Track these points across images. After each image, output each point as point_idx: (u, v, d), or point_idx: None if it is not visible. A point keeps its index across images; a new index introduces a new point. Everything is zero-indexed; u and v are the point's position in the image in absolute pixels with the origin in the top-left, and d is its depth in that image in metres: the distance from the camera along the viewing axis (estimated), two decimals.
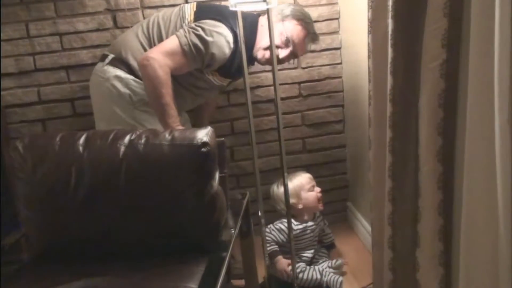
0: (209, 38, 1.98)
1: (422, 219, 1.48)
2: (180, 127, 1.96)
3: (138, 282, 1.48)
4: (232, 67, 2.11)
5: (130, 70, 2.07)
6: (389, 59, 1.48)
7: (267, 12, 1.99)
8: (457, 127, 1.37)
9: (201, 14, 2.07)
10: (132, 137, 1.65)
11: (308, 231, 2.40)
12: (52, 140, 1.71)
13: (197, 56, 1.99)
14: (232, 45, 2.04)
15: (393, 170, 1.53)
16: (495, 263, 1.20)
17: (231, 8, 1.95)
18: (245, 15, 2.03)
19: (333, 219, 2.85)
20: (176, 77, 2.05)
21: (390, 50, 1.48)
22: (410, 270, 1.59)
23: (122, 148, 1.63)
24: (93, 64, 2.24)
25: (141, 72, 1.97)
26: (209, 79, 2.14)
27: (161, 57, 1.94)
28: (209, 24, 2.01)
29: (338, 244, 2.58)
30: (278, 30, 2.10)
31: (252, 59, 2.18)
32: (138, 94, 2.05)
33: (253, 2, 1.94)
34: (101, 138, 1.69)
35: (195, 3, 2.13)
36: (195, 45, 1.97)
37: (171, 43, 1.98)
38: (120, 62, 2.08)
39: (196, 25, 2.01)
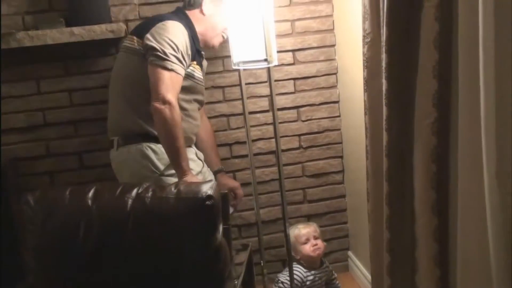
0: (170, 40, 2.01)
1: (419, 269, 1.53)
2: (193, 175, 2.02)
3: None
4: (193, 49, 2.13)
5: (140, 136, 2.10)
6: (384, 117, 1.57)
7: (267, 71, 2.11)
8: (449, 181, 1.44)
9: (142, 33, 2.09)
10: (139, 191, 1.72)
11: (316, 278, 2.50)
12: (62, 194, 1.78)
13: (182, 60, 2.02)
14: (185, 29, 2.08)
15: (390, 222, 1.60)
16: None
17: (234, 67, 2.07)
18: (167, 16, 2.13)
19: (335, 268, 2.88)
20: (179, 100, 2.07)
21: (384, 108, 1.57)
22: None
23: (130, 201, 1.70)
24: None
25: (156, 117, 1.98)
26: (194, 74, 2.17)
27: (169, 95, 1.97)
28: (156, 32, 2.04)
29: None
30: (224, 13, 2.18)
31: (200, 53, 2.22)
32: (159, 158, 2.08)
33: (255, 61, 2.06)
34: (109, 192, 1.76)
35: (130, 35, 2.18)
36: (172, 55, 2.00)
37: (163, 76, 1.98)
38: (127, 137, 2.12)
39: (151, 43, 2.01)
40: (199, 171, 2.18)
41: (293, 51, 2.73)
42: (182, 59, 2.02)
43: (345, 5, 2.54)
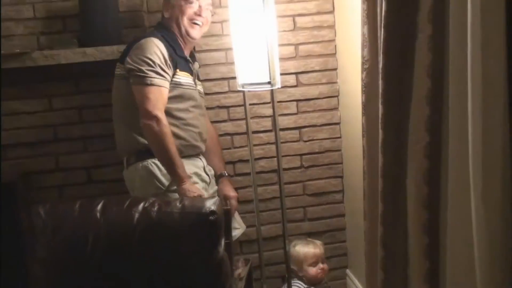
0: (144, 57, 2.13)
1: (410, 285, 1.61)
2: (191, 183, 2.13)
3: None
4: (175, 59, 2.23)
5: (145, 153, 2.20)
6: (380, 140, 1.66)
7: (271, 92, 2.20)
8: (440, 201, 1.52)
9: (124, 58, 2.22)
10: (146, 205, 1.80)
11: None
12: (72, 207, 1.87)
13: (160, 72, 2.13)
14: (160, 41, 2.18)
15: (384, 240, 1.67)
16: None
17: (239, 88, 2.17)
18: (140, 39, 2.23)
19: (333, 286, 2.94)
20: (173, 111, 2.21)
21: (380, 131, 1.66)
22: None
23: (136, 215, 1.78)
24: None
25: (145, 133, 2.13)
26: (180, 81, 2.25)
27: (155, 110, 2.09)
28: (133, 53, 2.17)
29: None
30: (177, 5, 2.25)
31: (185, 59, 2.29)
32: (163, 174, 2.18)
33: (259, 84, 2.16)
34: (117, 205, 1.85)
35: (117, 63, 2.30)
36: (149, 71, 2.12)
37: (144, 92, 2.11)
38: (134, 155, 2.24)
39: (129, 66, 2.16)
40: (202, 187, 2.26)
41: (296, 73, 2.83)
42: (161, 71, 2.14)
43: (347, 31, 2.64)
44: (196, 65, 2.43)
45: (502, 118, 1.26)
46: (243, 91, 2.32)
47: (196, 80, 2.40)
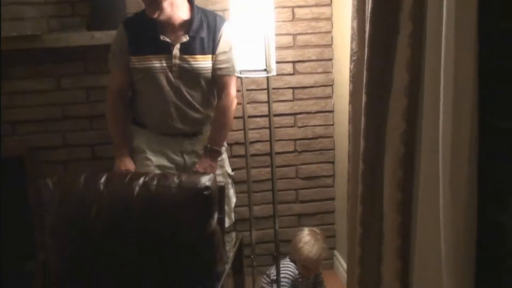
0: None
1: (384, 260, 1.76)
2: (119, 157, 2.41)
3: None
4: (138, 43, 2.34)
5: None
6: (362, 126, 1.80)
7: (266, 80, 2.35)
8: (413, 184, 1.67)
9: None
10: (146, 179, 1.96)
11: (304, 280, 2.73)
12: (78, 179, 2.02)
13: (114, 56, 2.39)
14: (123, 26, 2.37)
15: (362, 219, 1.83)
16: None
17: (236, 74, 2.32)
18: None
19: (321, 266, 3.10)
20: (136, 98, 2.45)
21: (363, 118, 1.80)
22: None
23: (137, 188, 1.93)
24: None
25: None
26: (137, 67, 2.35)
27: (108, 89, 2.45)
28: None
29: None
30: None
31: (159, 41, 2.31)
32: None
33: (256, 70, 2.30)
34: (119, 179, 2.00)
35: None
36: (110, 57, 2.43)
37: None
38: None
39: None
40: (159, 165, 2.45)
41: (293, 62, 2.96)
42: (114, 55, 2.40)
43: (343, 23, 2.76)
44: (183, 38, 2.33)
45: (470, 110, 1.39)
46: (241, 77, 2.46)
47: (184, 56, 2.34)
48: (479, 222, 1.41)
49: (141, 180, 1.96)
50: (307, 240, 2.71)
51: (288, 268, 2.72)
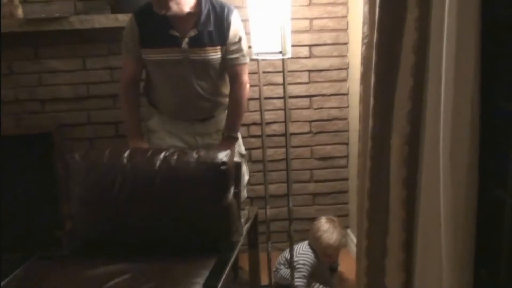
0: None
1: (390, 232, 1.87)
2: (133, 142, 2.47)
3: (163, 268, 1.89)
4: (148, 37, 2.39)
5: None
6: (371, 106, 1.90)
7: (282, 62, 2.44)
8: (418, 160, 1.77)
9: None
10: (166, 154, 2.08)
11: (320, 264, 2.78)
12: (103, 153, 2.15)
13: (125, 46, 2.45)
14: (133, 16, 2.41)
15: (370, 193, 1.93)
16: None
17: (253, 57, 2.41)
18: None
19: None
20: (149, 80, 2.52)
21: (372, 99, 1.90)
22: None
23: (158, 162, 2.06)
24: None
25: None
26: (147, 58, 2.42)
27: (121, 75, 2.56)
28: None
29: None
30: None
31: (167, 34, 2.35)
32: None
33: (272, 53, 2.40)
34: (141, 154, 2.13)
35: None
36: (123, 46, 2.49)
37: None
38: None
39: None
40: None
41: (309, 46, 3.05)
42: (126, 45, 2.45)
43: (359, 8, 2.83)
44: (192, 32, 2.36)
45: (471, 89, 1.47)
46: (257, 60, 2.55)
47: (194, 48, 2.37)
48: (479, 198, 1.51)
49: (162, 155, 2.08)
50: (326, 228, 2.75)
51: (307, 255, 2.77)
